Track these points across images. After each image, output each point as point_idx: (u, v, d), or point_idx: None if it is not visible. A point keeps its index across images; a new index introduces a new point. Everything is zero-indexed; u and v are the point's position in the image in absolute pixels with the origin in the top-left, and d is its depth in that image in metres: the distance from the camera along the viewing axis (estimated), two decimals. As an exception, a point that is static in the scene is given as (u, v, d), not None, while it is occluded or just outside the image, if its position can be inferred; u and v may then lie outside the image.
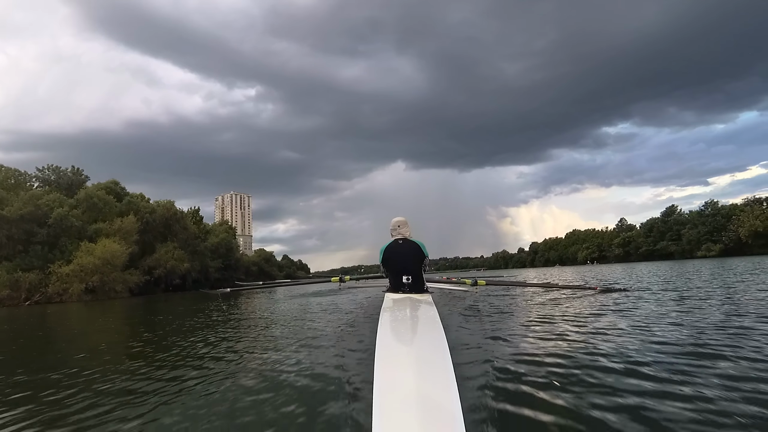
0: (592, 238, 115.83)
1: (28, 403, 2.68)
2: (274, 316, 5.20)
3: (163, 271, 45.11)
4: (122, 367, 3.64)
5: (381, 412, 1.32)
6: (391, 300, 3.89)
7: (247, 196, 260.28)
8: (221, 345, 3.60)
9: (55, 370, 3.72)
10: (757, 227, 71.56)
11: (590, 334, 3.76)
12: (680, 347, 3.04)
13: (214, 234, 63.72)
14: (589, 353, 3.01)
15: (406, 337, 2.50)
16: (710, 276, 12.18)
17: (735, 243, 74.71)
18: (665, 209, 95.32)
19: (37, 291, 34.04)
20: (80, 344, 6.19)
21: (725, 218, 78.76)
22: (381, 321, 2.66)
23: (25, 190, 40.11)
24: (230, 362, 3.10)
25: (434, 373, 1.66)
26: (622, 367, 2.60)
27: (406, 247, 4.54)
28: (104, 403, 2.46)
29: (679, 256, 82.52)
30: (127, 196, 47.12)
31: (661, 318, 4.52)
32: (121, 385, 2.88)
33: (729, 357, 2.69)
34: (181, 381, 2.67)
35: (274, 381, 2.45)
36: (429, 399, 1.40)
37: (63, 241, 36.80)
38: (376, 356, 1.83)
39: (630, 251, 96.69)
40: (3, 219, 34.02)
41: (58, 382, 3.25)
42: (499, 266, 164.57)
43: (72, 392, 2.81)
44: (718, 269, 16.55)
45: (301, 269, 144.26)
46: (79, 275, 34.31)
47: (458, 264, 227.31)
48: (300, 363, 2.86)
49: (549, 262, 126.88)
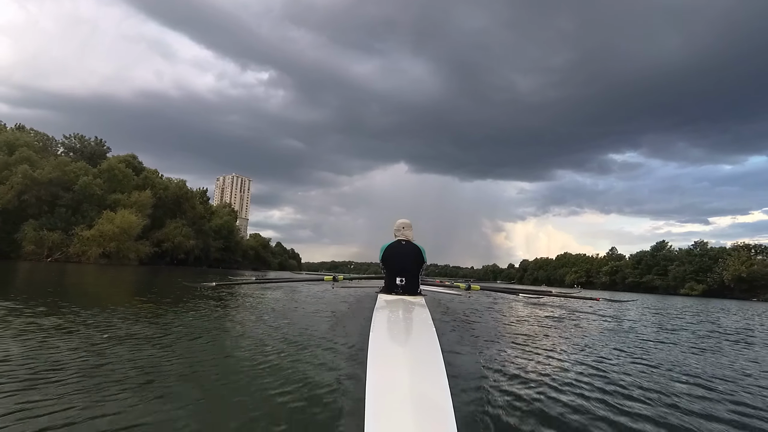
0: (581, 262, 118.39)
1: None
2: (263, 313, 5.27)
3: (171, 245, 47.48)
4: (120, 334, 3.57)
5: (374, 412, 1.33)
6: (384, 301, 3.93)
7: (248, 180, 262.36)
8: (208, 343, 3.41)
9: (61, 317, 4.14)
10: (741, 272, 74.20)
11: (580, 339, 4.02)
12: (674, 361, 3.30)
13: (218, 216, 66.03)
14: (579, 357, 3.18)
15: (399, 338, 2.56)
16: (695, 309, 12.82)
17: (718, 285, 77.20)
18: (655, 244, 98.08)
19: (59, 250, 36.36)
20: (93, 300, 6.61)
21: (712, 260, 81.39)
22: (374, 322, 2.69)
23: (50, 154, 42.33)
24: (217, 360, 2.90)
25: (426, 373, 1.70)
26: (614, 370, 2.80)
27: (407, 248, 4.61)
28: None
29: (663, 291, 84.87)
30: (143, 171, 49.36)
31: (658, 331, 4.87)
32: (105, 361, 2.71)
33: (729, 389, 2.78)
34: (169, 377, 2.44)
35: (264, 380, 2.38)
36: (421, 399, 1.43)
37: (85, 206, 39.16)
38: (369, 357, 1.85)
39: (617, 280, 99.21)
40: (34, 181, 36.24)
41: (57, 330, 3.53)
42: (488, 279, 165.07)
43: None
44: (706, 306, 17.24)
45: (293, 258, 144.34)
46: (98, 240, 36.70)
47: (448, 272, 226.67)
48: (291, 363, 2.79)
49: (537, 281, 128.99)
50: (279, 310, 5.72)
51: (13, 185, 35.81)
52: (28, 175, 36.05)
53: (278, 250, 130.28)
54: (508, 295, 10.12)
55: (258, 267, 78.42)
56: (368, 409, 1.35)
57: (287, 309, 5.99)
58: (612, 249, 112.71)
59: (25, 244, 35.79)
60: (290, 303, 6.89)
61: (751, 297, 68.55)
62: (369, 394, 1.45)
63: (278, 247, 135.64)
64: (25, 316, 4.20)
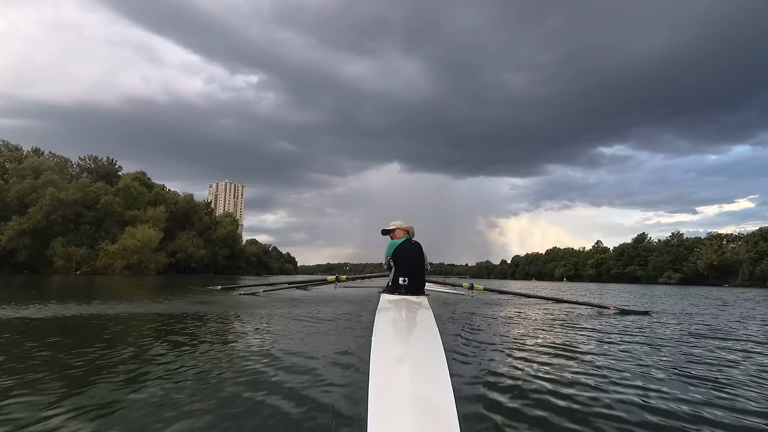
0: (569, 256, 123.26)
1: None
2: (269, 317, 5.38)
3: (184, 255, 51.26)
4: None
5: (376, 413, 1.33)
6: (387, 301, 3.94)
7: (241, 186, 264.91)
8: (210, 343, 3.48)
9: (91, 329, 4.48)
10: (713, 260, 79.32)
11: (584, 344, 4.02)
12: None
13: (222, 225, 69.79)
14: (581, 361, 3.25)
15: (402, 339, 2.59)
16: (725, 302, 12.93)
17: (693, 273, 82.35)
18: (636, 236, 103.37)
19: (86, 263, 40.23)
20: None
21: (688, 250, 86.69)
22: (377, 322, 2.72)
23: (66, 174, 45.98)
24: (221, 360, 2.92)
25: (429, 374, 1.70)
26: (619, 375, 2.82)
27: (416, 248, 4.68)
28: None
29: (644, 280, 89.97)
30: (154, 187, 53.23)
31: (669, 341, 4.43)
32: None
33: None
34: (173, 374, 2.51)
35: (267, 380, 2.38)
36: (424, 400, 1.43)
37: (107, 223, 43.10)
38: (372, 357, 1.87)
39: (602, 272, 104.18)
40: (60, 202, 40.03)
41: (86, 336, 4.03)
42: (482, 276, 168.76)
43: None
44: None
45: (289, 262, 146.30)
46: (122, 254, 40.56)
47: (443, 270, 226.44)
48: (294, 363, 2.79)
49: (528, 276, 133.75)
50: (283, 313, 5.82)
51: (42, 206, 39.53)
52: (55, 197, 39.82)
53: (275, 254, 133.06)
54: (511, 296, 10.01)
55: (260, 272, 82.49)
56: (371, 409, 1.35)
57: (292, 311, 6.13)
58: (597, 242, 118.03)
59: (55, 259, 39.80)
60: (295, 305, 7.03)
61: (723, 283, 73.58)
62: (371, 395, 1.46)
63: (275, 251, 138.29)
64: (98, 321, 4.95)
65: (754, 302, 13.58)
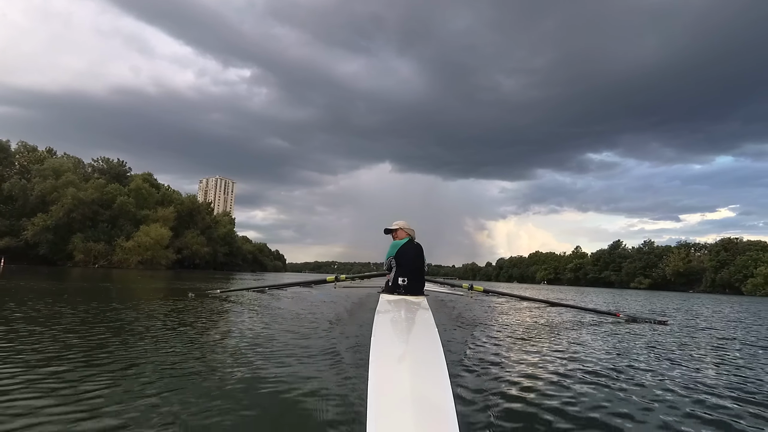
0: (550, 260, 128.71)
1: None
2: (268, 316, 5.29)
3: (189, 252, 55.28)
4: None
5: (376, 413, 1.34)
6: (386, 301, 3.97)
7: (232, 182, 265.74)
8: (210, 343, 3.45)
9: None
10: (679, 267, 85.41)
11: (586, 347, 4.06)
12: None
13: (222, 224, 73.70)
14: (582, 363, 3.29)
15: (401, 339, 2.59)
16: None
17: (662, 279, 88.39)
18: (612, 243, 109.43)
19: (103, 258, 44.17)
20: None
21: (658, 257, 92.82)
22: (376, 322, 2.72)
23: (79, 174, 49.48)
24: (220, 359, 2.90)
25: (428, 374, 1.70)
26: (621, 379, 2.82)
27: (417, 248, 4.76)
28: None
29: (617, 285, 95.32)
30: (161, 188, 57.10)
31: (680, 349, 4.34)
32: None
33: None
34: (173, 374, 2.49)
35: (266, 381, 2.36)
36: (424, 400, 1.43)
37: (121, 221, 47.01)
38: (371, 357, 1.88)
39: (580, 276, 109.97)
40: (80, 201, 43.88)
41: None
42: (468, 277, 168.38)
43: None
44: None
45: (278, 260, 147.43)
46: (137, 250, 44.63)
47: (430, 271, 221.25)
48: (293, 363, 2.78)
49: (511, 278, 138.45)
50: (283, 312, 5.83)
51: (63, 204, 43.30)
52: (76, 197, 43.64)
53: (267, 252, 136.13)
54: (510, 298, 9.96)
55: (255, 269, 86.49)
56: (370, 409, 1.36)
57: (291, 311, 6.09)
58: (577, 247, 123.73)
59: (75, 253, 43.69)
60: (294, 305, 7.01)
61: (688, 289, 79.48)
62: (371, 395, 1.46)
63: (266, 249, 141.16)
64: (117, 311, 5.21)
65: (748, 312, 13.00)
